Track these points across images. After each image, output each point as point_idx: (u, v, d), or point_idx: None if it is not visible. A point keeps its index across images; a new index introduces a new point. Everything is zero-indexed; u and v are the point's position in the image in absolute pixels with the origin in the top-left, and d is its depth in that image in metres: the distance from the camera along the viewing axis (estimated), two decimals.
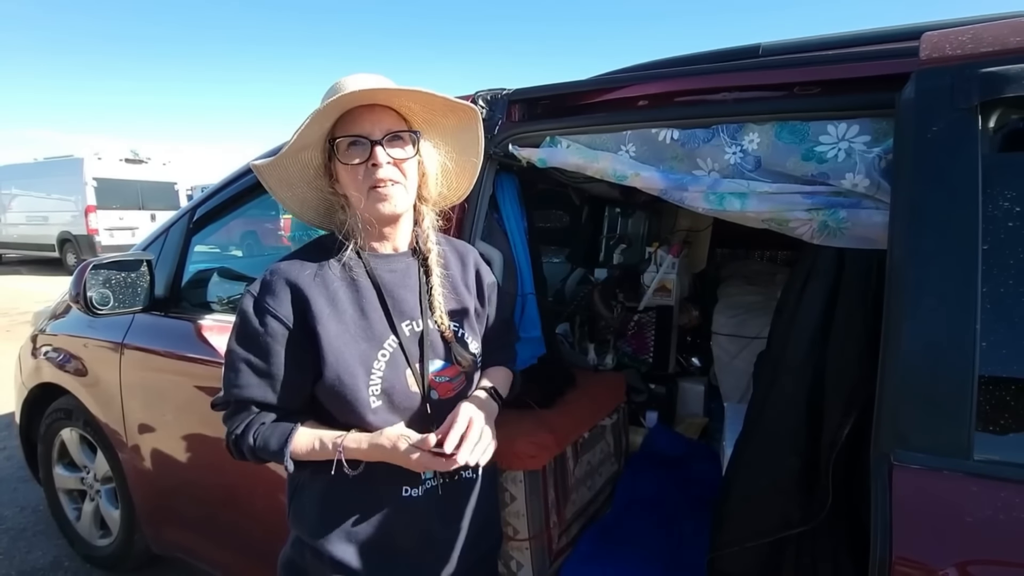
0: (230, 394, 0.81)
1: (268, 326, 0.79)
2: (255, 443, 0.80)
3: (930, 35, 0.74)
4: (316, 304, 0.79)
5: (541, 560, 1.33)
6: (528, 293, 1.49)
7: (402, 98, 0.82)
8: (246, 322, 0.80)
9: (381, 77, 0.83)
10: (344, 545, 0.84)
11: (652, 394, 2.29)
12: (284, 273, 0.81)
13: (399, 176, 0.81)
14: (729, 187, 0.96)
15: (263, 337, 0.79)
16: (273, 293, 0.80)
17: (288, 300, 0.80)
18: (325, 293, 0.81)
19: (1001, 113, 0.67)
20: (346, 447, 0.78)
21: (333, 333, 0.79)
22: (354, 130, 0.80)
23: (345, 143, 0.80)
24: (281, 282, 0.80)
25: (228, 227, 1.80)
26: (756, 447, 1.11)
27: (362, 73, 0.84)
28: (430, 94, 0.81)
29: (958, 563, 0.62)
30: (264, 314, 0.79)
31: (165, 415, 1.58)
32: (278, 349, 0.79)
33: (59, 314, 1.98)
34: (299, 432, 0.80)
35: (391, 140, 0.80)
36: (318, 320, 0.79)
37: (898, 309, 0.68)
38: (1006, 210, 0.64)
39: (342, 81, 0.82)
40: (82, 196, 9.44)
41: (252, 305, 0.80)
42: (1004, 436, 0.64)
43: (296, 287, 0.80)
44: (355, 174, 0.80)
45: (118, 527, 1.88)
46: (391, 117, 0.82)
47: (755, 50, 1.04)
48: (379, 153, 0.79)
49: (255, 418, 0.81)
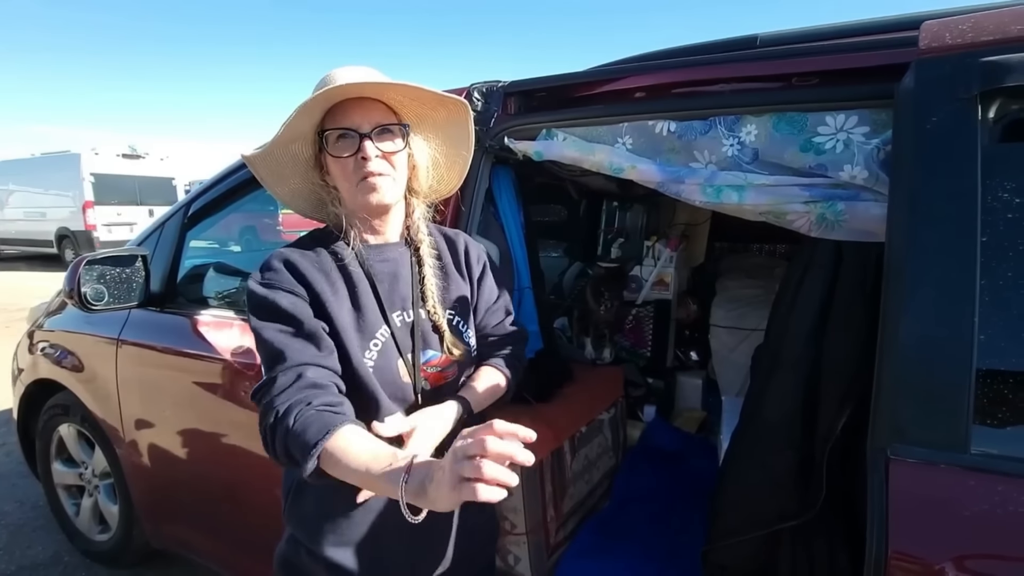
0: (276, 367, 0.74)
1: (283, 296, 0.78)
2: (294, 424, 0.69)
3: (930, 24, 0.73)
4: (318, 285, 0.80)
5: (539, 554, 1.33)
6: (525, 287, 1.48)
7: (391, 92, 0.81)
8: (262, 298, 0.78)
9: (371, 70, 0.83)
10: (339, 543, 0.84)
11: (650, 388, 2.29)
12: (284, 255, 0.82)
13: (388, 169, 0.81)
14: (726, 180, 0.95)
15: (282, 304, 0.77)
16: (277, 271, 0.80)
17: (291, 276, 0.80)
18: (324, 279, 0.81)
19: (1001, 103, 0.66)
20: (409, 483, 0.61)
21: (335, 308, 0.80)
22: (343, 123, 0.79)
23: (334, 136, 0.80)
24: (281, 262, 0.81)
25: (226, 222, 1.80)
26: (752, 440, 1.11)
27: (352, 66, 0.83)
28: (419, 88, 0.81)
29: (955, 557, 0.61)
30: (275, 287, 0.79)
31: (162, 411, 1.58)
32: (303, 309, 0.78)
33: (56, 310, 1.98)
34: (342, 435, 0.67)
35: (380, 133, 0.80)
36: (321, 295, 0.79)
37: (896, 302, 0.67)
38: (1006, 201, 0.63)
39: (332, 73, 0.81)
40: (80, 192, 9.40)
41: (260, 284, 0.80)
42: (1002, 430, 0.63)
43: (296, 267, 0.80)
44: (344, 166, 0.80)
45: (117, 522, 1.88)
46: (380, 110, 0.82)
47: (753, 41, 1.02)
48: (368, 146, 0.78)
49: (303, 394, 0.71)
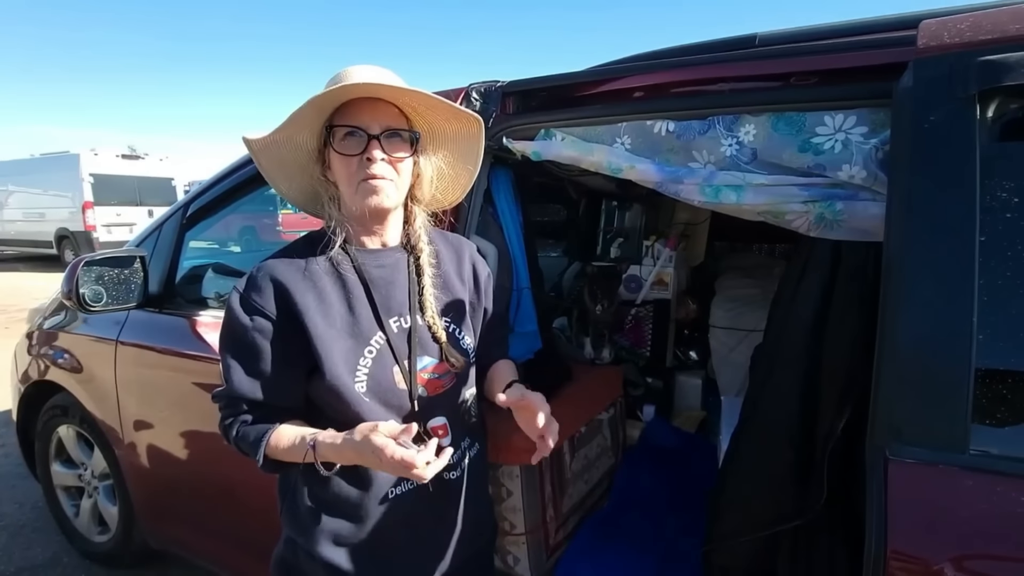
0: (224, 389, 0.82)
1: (255, 322, 0.78)
2: (237, 435, 0.81)
3: (928, 23, 0.73)
4: (303, 299, 0.79)
5: (538, 554, 1.33)
6: (524, 287, 1.48)
7: (406, 97, 0.80)
8: (233, 319, 0.80)
9: (388, 72, 0.81)
10: (336, 544, 0.84)
11: (649, 388, 2.28)
12: (270, 269, 0.80)
13: (392, 173, 0.80)
14: (725, 179, 0.95)
15: (250, 333, 0.78)
16: (259, 289, 0.79)
17: (273, 296, 0.79)
18: (313, 288, 0.80)
19: (1000, 102, 0.66)
20: (318, 443, 0.76)
21: (320, 328, 0.79)
22: (353, 120, 0.78)
23: (342, 132, 0.79)
24: (267, 278, 0.80)
25: (226, 222, 1.79)
26: (752, 440, 1.11)
27: (369, 65, 0.82)
28: (435, 98, 0.80)
29: (953, 557, 0.61)
30: (250, 311, 0.79)
31: (161, 411, 1.58)
32: (265, 345, 0.78)
33: (55, 311, 1.98)
34: (279, 430, 0.80)
35: (389, 137, 0.79)
36: (304, 315, 0.78)
37: (894, 301, 0.67)
38: (1004, 201, 0.63)
39: (348, 70, 0.80)
40: (79, 192, 9.41)
41: (239, 301, 0.80)
42: (1001, 429, 0.63)
43: (281, 283, 0.79)
44: (348, 165, 0.79)
45: (116, 523, 1.88)
46: (392, 113, 0.81)
47: (751, 40, 1.02)
48: (375, 148, 0.78)
49: (241, 415, 0.81)
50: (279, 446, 0.79)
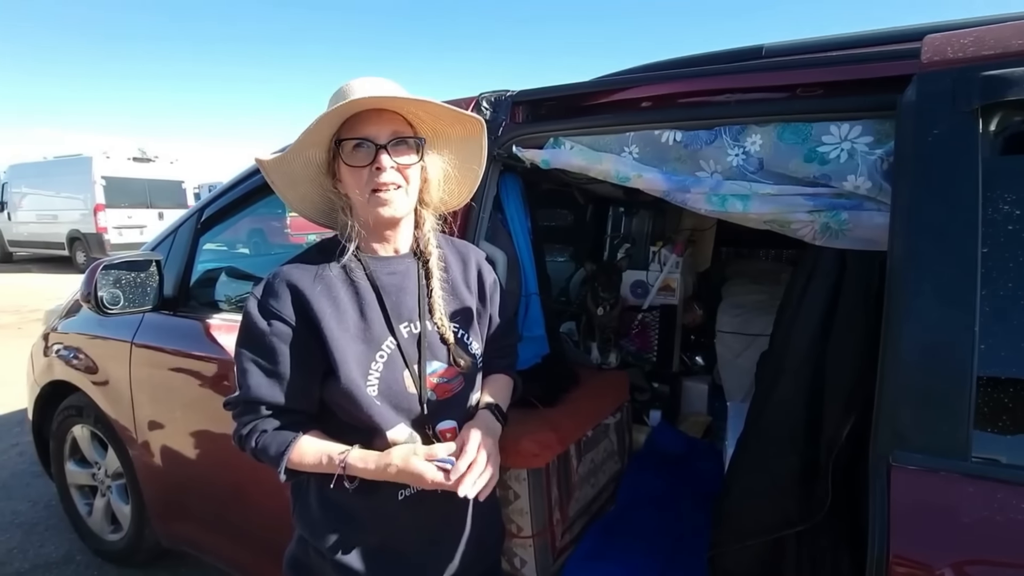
0: (240, 394, 0.83)
1: (273, 326, 0.80)
2: (256, 446, 0.82)
3: (932, 38, 0.74)
4: (318, 305, 0.81)
5: (545, 557, 1.34)
6: (532, 293, 1.50)
7: (410, 106, 0.83)
8: (251, 324, 0.81)
9: (391, 83, 0.84)
10: (347, 545, 0.85)
11: (656, 392, 2.29)
12: (286, 276, 0.83)
13: (401, 181, 0.82)
14: (731, 189, 0.96)
15: (268, 337, 0.80)
16: (276, 295, 0.81)
17: (290, 301, 0.81)
18: (327, 294, 0.82)
19: (1002, 116, 0.67)
20: (349, 464, 0.79)
21: (335, 333, 0.81)
22: (360, 132, 0.81)
23: (350, 145, 0.81)
24: (283, 284, 0.82)
25: (236, 226, 1.82)
26: (757, 446, 1.12)
27: (372, 77, 0.85)
28: (438, 104, 0.82)
29: (955, 563, 0.62)
30: (268, 315, 0.81)
31: (174, 412, 1.60)
32: (283, 348, 0.80)
33: (70, 312, 2.01)
34: (302, 442, 0.82)
35: (396, 145, 0.81)
36: (320, 320, 0.80)
37: (898, 310, 0.68)
38: (1006, 213, 0.65)
39: (351, 84, 0.83)
40: (91, 194, 9.51)
41: (256, 307, 0.82)
42: (1002, 437, 0.64)
43: (298, 289, 0.81)
44: (358, 176, 0.81)
45: (129, 522, 1.91)
46: (397, 122, 0.83)
47: (758, 51, 1.04)
48: (383, 157, 0.80)
49: (260, 422, 0.83)
50: (303, 461, 0.81)
